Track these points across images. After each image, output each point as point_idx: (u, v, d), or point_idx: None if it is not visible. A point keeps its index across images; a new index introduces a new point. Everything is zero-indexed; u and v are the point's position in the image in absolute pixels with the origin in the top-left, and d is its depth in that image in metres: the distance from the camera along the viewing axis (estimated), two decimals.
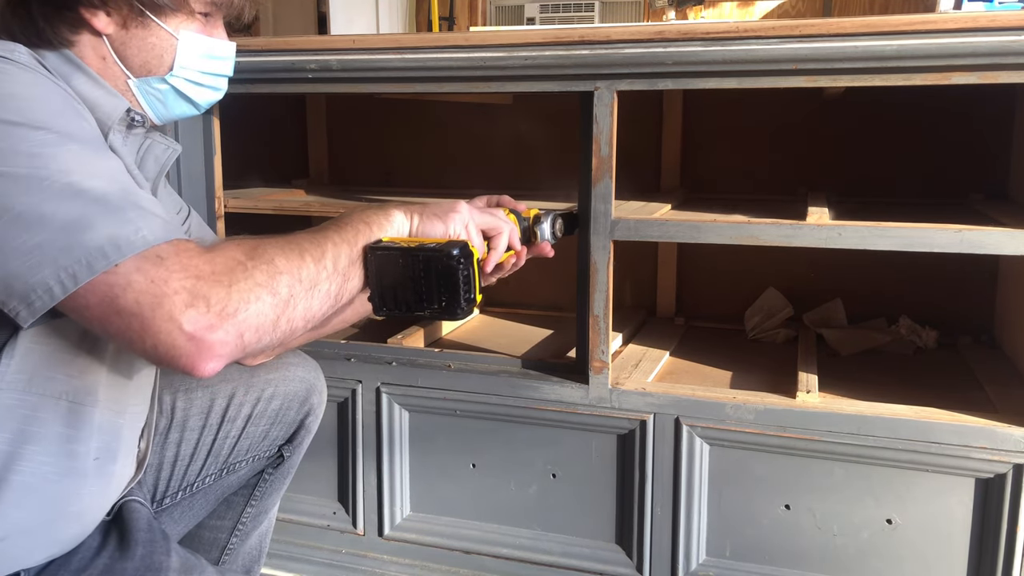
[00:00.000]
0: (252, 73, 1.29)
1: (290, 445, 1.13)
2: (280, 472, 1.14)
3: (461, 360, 1.35)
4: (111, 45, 0.85)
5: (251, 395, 1.07)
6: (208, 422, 1.04)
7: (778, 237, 1.14)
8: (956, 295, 1.52)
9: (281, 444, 1.12)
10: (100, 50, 0.85)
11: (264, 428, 1.08)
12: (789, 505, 1.19)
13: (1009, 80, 1.01)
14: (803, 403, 1.17)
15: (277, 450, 1.12)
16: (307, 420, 1.14)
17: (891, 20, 1.02)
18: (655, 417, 1.22)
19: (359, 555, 1.41)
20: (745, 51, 1.07)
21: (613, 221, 1.20)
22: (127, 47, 0.86)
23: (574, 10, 4.18)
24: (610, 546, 1.29)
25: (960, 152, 1.50)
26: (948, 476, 1.11)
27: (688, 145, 1.65)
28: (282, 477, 1.15)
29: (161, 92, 0.90)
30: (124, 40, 0.86)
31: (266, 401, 1.08)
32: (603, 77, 1.16)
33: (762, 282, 1.62)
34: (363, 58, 1.24)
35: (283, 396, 1.10)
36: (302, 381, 1.12)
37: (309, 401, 1.13)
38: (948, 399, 1.17)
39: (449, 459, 1.35)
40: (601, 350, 1.23)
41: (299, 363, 1.14)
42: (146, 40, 0.86)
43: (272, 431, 1.09)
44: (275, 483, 1.14)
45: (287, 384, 1.10)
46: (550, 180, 1.67)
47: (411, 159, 1.84)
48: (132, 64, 0.87)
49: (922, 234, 1.08)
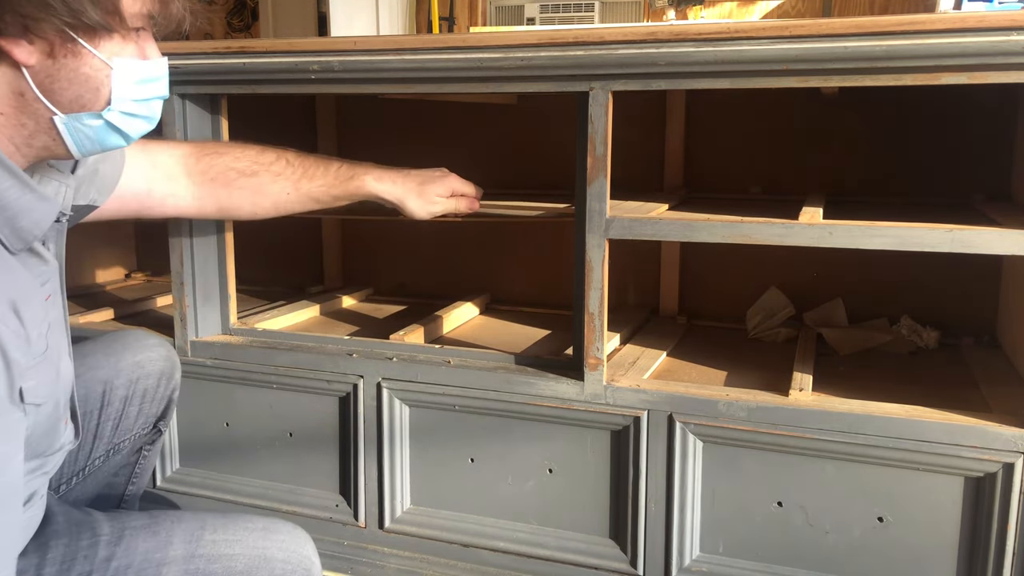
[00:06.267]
0: (256, 74, 1.32)
1: (164, 420, 1.25)
2: (155, 448, 1.27)
3: (460, 356, 1.37)
4: (33, 79, 0.72)
5: (122, 379, 1.17)
6: (88, 408, 1.12)
7: (770, 236, 1.15)
8: (959, 296, 1.52)
9: (155, 420, 1.23)
10: (17, 85, 0.72)
11: (138, 407, 1.18)
12: (781, 502, 1.20)
13: (999, 80, 1.01)
14: (795, 401, 1.18)
15: (153, 426, 1.23)
16: (174, 394, 1.26)
17: (881, 21, 1.03)
18: (649, 413, 1.23)
19: (360, 547, 1.44)
20: (737, 52, 1.09)
21: (608, 220, 1.21)
22: (55, 80, 0.73)
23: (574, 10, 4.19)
24: (605, 541, 1.30)
25: (963, 152, 1.50)
26: (939, 475, 1.12)
27: (691, 145, 1.66)
28: (156, 452, 1.28)
29: (93, 128, 0.78)
30: (51, 72, 0.73)
31: (135, 383, 1.18)
32: (598, 78, 1.17)
33: (765, 282, 1.62)
34: (364, 59, 1.26)
35: (149, 376, 1.20)
36: (165, 360, 1.23)
37: (173, 376, 1.24)
38: (942, 398, 1.17)
39: (448, 453, 1.38)
40: (596, 347, 1.24)
41: (157, 344, 1.23)
42: (78, 71, 0.74)
43: (145, 407, 1.19)
44: (151, 458, 1.27)
45: (152, 364, 1.21)
46: (556, 179, 1.69)
47: (420, 159, 1.86)
48: (60, 100, 0.74)
49: (913, 233, 1.09)
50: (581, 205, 1.23)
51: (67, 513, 0.88)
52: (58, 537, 0.84)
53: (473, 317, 1.73)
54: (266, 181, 1.23)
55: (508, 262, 1.84)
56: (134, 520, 0.88)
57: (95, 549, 0.83)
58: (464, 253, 1.86)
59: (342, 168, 1.27)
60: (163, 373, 1.22)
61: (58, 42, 0.72)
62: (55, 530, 0.84)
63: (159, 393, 1.22)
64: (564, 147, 1.54)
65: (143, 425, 1.21)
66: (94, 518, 0.88)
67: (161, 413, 1.24)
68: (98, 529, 0.85)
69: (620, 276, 1.68)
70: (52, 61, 0.72)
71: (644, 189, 1.62)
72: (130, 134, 0.82)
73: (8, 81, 0.72)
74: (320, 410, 1.44)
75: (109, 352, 1.18)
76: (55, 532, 0.84)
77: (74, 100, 0.75)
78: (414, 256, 1.90)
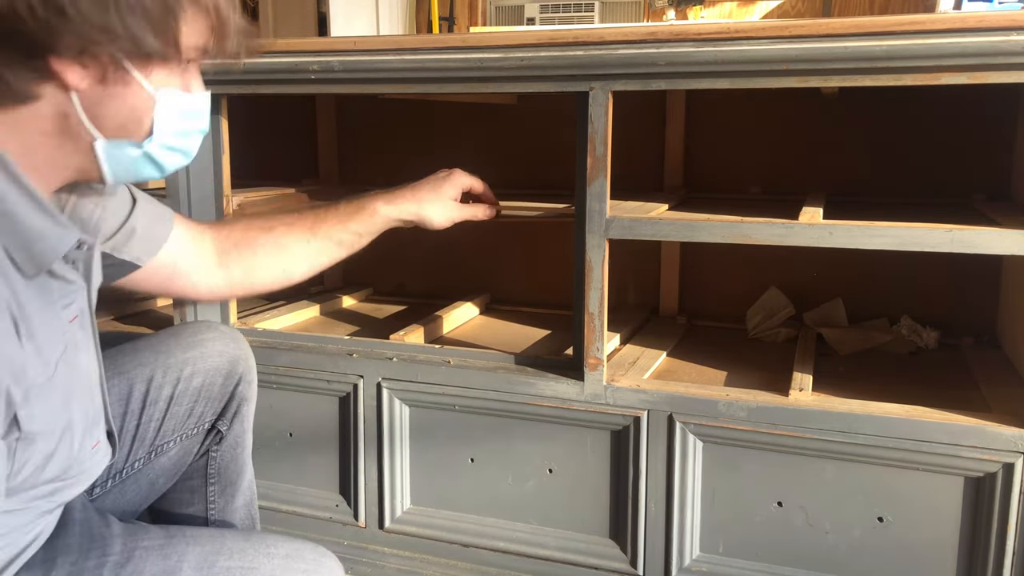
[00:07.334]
0: (256, 74, 1.32)
1: (224, 419, 1.13)
2: (226, 446, 1.15)
3: (460, 356, 1.37)
4: (81, 102, 0.71)
5: (170, 376, 1.07)
6: (129, 408, 1.04)
7: (770, 236, 1.15)
8: (959, 296, 1.52)
9: (214, 420, 1.12)
10: (63, 107, 0.70)
11: (188, 407, 1.08)
12: (781, 502, 1.20)
13: (999, 80, 1.01)
14: (795, 401, 1.18)
15: (211, 426, 1.12)
16: (238, 389, 1.13)
17: (880, 21, 1.03)
18: (649, 413, 1.23)
19: (360, 547, 1.44)
20: (736, 52, 1.09)
21: (608, 220, 1.21)
22: (101, 106, 0.72)
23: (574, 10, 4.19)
24: (605, 541, 1.30)
25: (963, 152, 1.50)
26: (938, 475, 1.12)
27: (691, 145, 1.66)
28: (231, 449, 1.15)
29: (131, 158, 0.76)
30: (99, 98, 0.71)
31: (186, 380, 1.08)
32: (598, 78, 1.17)
33: (765, 282, 1.62)
34: (364, 59, 1.27)
35: (204, 372, 1.09)
36: (221, 355, 1.11)
37: (236, 372, 1.12)
38: (942, 398, 1.17)
39: (449, 453, 1.38)
40: (596, 347, 1.24)
41: (216, 337, 1.12)
42: (125, 100, 0.72)
43: (197, 408, 1.09)
44: (225, 457, 1.15)
45: (206, 360, 1.10)
46: (556, 179, 1.69)
47: (420, 159, 1.86)
48: (104, 125, 0.73)
49: (913, 233, 1.09)
50: (581, 205, 1.23)
51: (86, 524, 0.84)
52: (67, 553, 0.81)
53: (473, 317, 1.73)
54: (282, 232, 1.13)
55: (508, 262, 1.84)
56: (147, 539, 0.84)
57: (100, 572, 0.81)
58: (464, 253, 1.86)
59: (350, 203, 1.19)
60: (219, 370, 1.11)
61: (111, 68, 0.70)
62: (66, 544, 0.82)
63: (214, 392, 1.11)
64: (564, 147, 1.54)
65: (194, 426, 1.10)
66: (110, 533, 0.84)
67: (220, 413, 1.13)
68: (108, 548, 0.82)
69: (620, 276, 1.68)
70: (102, 87, 0.71)
71: (644, 189, 1.63)
72: (166, 167, 0.80)
73: (55, 103, 0.70)
74: (320, 410, 1.44)
75: (159, 348, 1.08)
76: (65, 547, 0.81)
77: (118, 127, 0.73)
78: (414, 256, 1.90)
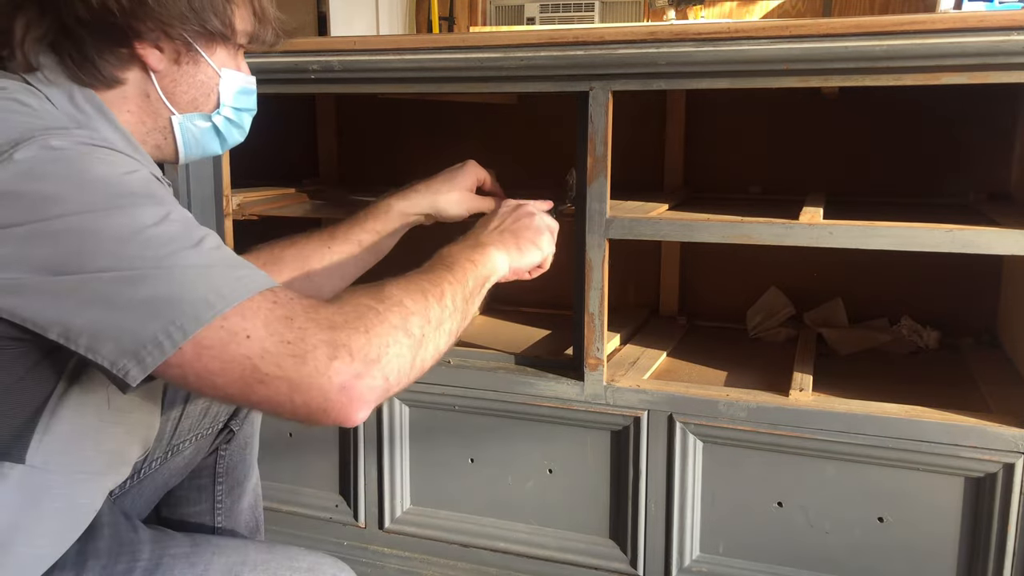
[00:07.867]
0: (256, 74, 1.31)
1: (236, 418, 1.14)
2: (235, 446, 1.15)
3: (460, 356, 1.37)
4: (159, 82, 0.82)
5: None
6: None
7: (770, 236, 1.15)
8: (959, 296, 1.52)
9: (227, 419, 1.13)
10: (144, 87, 0.82)
11: (203, 406, 1.09)
12: (781, 502, 1.20)
13: (999, 80, 1.01)
14: (795, 401, 1.18)
15: (224, 425, 1.13)
16: None
17: (880, 20, 1.03)
18: (649, 414, 1.23)
19: (360, 547, 1.44)
20: (736, 51, 1.08)
21: (608, 220, 1.21)
22: (177, 84, 0.83)
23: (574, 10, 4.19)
24: (605, 541, 1.30)
25: (963, 152, 1.50)
26: (939, 475, 1.12)
27: (691, 145, 1.66)
28: (240, 449, 1.16)
29: (201, 130, 0.88)
30: (175, 77, 0.83)
31: None
32: (598, 77, 1.17)
33: (765, 282, 1.62)
34: (364, 59, 1.26)
35: None
36: None
37: None
38: (942, 398, 1.17)
39: (449, 453, 1.37)
40: (596, 347, 1.24)
41: None
42: (195, 77, 0.84)
43: (212, 408, 1.10)
44: (234, 457, 1.16)
45: None
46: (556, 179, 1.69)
47: (421, 159, 1.86)
48: (180, 101, 0.84)
49: (913, 233, 1.09)
50: (581, 205, 1.23)
51: (115, 527, 0.85)
52: (97, 557, 0.82)
53: (474, 317, 1.73)
54: (302, 244, 1.14)
55: None
56: (175, 547, 0.85)
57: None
58: None
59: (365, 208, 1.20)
60: None
61: (184, 50, 0.81)
62: (97, 547, 0.82)
63: None
64: (564, 147, 1.54)
65: (208, 426, 1.11)
66: (138, 538, 0.85)
67: (233, 412, 1.14)
68: (138, 554, 0.83)
69: (620, 276, 1.68)
70: (177, 67, 0.82)
71: (644, 189, 1.62)
72: (228, 140, 0.91)
73: (138, 83, 0.81)
74: None
75: None
76: (95, 551, 0.82)
77: (191, 102, 0.85)
78: (414, 256, 1.90)
